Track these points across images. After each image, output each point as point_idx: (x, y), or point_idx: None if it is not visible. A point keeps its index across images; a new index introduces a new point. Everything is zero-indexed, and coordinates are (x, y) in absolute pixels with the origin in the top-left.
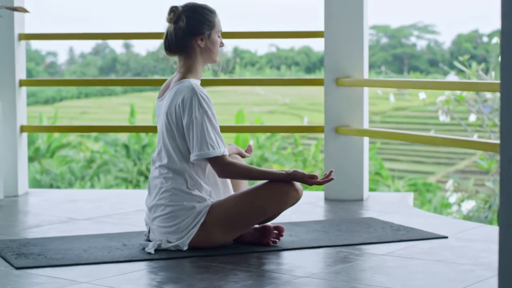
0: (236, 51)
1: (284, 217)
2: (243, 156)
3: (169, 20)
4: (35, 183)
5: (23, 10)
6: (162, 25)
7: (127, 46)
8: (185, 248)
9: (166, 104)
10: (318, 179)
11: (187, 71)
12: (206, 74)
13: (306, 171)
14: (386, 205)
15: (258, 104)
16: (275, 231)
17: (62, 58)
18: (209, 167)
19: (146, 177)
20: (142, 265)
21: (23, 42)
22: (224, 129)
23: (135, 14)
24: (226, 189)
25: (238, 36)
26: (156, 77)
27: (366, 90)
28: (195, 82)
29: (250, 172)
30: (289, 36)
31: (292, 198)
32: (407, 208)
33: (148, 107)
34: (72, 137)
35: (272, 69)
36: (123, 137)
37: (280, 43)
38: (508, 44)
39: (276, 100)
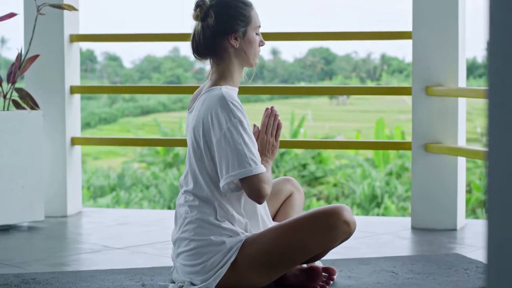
0: (383, 58)
1: (350, 250)
2: None
3: (196, 17)
4: (173, 189)
5: (70, 8)
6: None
7: (274, 53)
8: None
9: (193, 116)
10: None
11: (220, 77)
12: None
13: None
14: (482, 236)
15: (404, 112)
16: (325, 274)
17: None
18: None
19: None
20: None
21: (76, 44)
22: (310, 144)
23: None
24: (266, 220)
25: (312, 37)
26: (302, 84)
27: (462, 101)
28: (226, 90)
29: None
30: (370, 37)
31: (341, 233)
32: None
33: (286, 113)
34: None
35: None
36: None
37: None
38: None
39: None
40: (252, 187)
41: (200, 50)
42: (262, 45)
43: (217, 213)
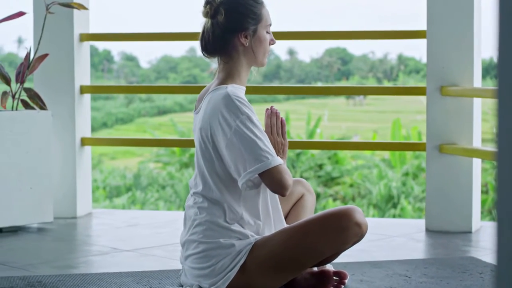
0: (400, 58)
1: (363, 253)
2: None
3: (205, 14)
4: (187, 189)
5: (79, 6)
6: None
7: (291, 53)
8: None
9: (200, 117)
10: None
11: (227, 76)
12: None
13: None
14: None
15: (421, 113)
16: (336, 277)
17: None
18: (263, 193)
19: None
20: None
21: (86, 43)
22: (326, 145)
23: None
24: (278, 221)
25: (326, 36)
26: (319, 84)
27: (477, 101)
28: (232, 88)
29: None
30: (385, 36)
31: (352, 235)
32: None
33: (302, 113)
34: None
35: None
36: None
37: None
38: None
39: None
40: (273, 180)
41: (208, 48)
42: (272, 44)
43: (227, 215)
